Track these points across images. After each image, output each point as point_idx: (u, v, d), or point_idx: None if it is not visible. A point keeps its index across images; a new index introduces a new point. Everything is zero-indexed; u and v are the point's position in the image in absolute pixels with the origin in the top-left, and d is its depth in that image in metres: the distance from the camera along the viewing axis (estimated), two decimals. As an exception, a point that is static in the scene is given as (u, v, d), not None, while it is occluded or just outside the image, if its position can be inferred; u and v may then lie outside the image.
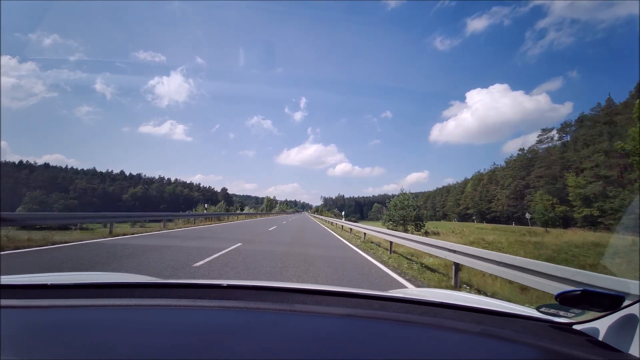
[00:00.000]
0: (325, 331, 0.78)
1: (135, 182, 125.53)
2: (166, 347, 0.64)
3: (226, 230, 14.33)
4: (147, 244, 7.71)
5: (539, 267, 3.13)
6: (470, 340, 0.76)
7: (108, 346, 0.64)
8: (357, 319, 0.87)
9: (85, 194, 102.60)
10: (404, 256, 7.54)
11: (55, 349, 0.62)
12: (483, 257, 4.11)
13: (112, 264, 5.16)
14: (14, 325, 0.72)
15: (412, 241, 6.72)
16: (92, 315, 0.82)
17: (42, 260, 5.42)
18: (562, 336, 0.80)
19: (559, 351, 0.70)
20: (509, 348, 0.72)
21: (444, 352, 0.71)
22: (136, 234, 10.30)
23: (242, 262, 5.68)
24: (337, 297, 1.03)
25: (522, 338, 0.76)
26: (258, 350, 0.65)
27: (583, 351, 0.70)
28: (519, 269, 3.41)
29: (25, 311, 0.82)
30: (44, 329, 0.72)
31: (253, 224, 21.05)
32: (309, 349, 0.67)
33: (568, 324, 0.86)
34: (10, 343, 0.62)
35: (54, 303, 0.88)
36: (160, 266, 5.06)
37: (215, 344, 0.67)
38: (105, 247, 7.16)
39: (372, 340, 0.73)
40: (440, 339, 0.77)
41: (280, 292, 1.05)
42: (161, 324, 0.79)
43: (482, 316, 0.92)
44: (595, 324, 0.82)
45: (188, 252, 6.53)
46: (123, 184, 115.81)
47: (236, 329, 0.75)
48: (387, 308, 0.96)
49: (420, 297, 1.10)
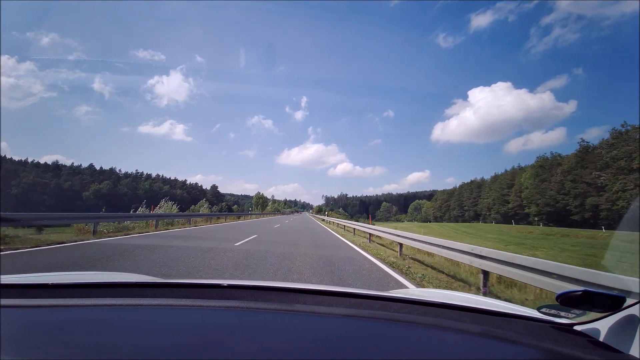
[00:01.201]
0: (326, 331, 0.78)
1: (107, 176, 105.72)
2: (166, 346, 0.64)
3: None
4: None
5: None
6: (471, 341, 0.76)
7: (108, 346, 0.64)
8: (357, 319, 0.87)
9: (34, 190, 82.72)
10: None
11: (55, 348, 0.62)
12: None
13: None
14: (14, 325, 0.72)
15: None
16: (92, 315, 0.82)
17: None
18: (563, 337, 0.80)
19: (560, 352, 0.70)
20: (510, 349, 0.72)
21: (444, 352, 0.71)
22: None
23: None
24: (337, 297, 1.02)
25: (523, 339, 0.76)
26: (258, 350, 0.64)
27: (584, 352, 0.70)
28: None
29: (25, 311, 0.82)
30: (45, 328, 0.71)
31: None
32: (309, 349, 0.67)
33: (569, 325, 0.86)
34: (11, 343, 0.61)
35: (55, 302, 0.88)
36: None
37: (216, 343, 0.66)
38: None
39: (373, 340, 0.73)
40: (441, 339, 0.76)
41: (280, 292, 1.05)
42: (161, 323, 0.79)
43: (483, 317, 0.92)
44: (596, 325, 0.81)
45: None
46: (84, 178, 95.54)
47: (236, 328, 0.75)
48: (388, 308, 0.95)
49: (421, 297, 1.09)
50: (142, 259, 5.63)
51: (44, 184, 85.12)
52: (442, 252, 5.52)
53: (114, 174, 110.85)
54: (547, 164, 60.79)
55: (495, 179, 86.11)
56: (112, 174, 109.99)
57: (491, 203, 79.97)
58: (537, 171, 61.57)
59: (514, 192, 69.89)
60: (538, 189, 59.12)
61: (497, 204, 76.53)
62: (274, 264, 5.72)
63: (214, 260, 5.72)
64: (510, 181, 74.56)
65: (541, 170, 60.89)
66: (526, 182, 64.51)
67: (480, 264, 4.29)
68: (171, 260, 5.60)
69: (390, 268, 5.99)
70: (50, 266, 4.92)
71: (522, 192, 65.70)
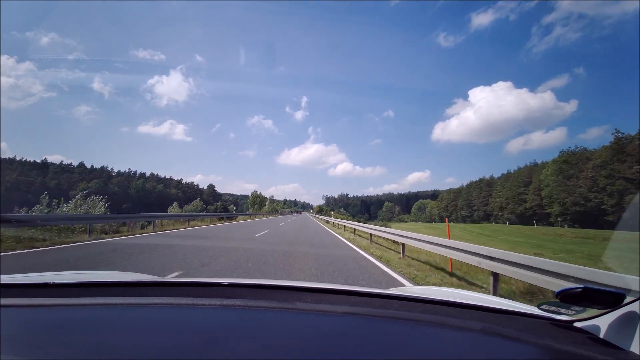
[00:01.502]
0: (327, 329, 0.78)
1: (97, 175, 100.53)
2: (167, 345, 0.64)
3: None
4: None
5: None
6: (471, 338, 0.75)
7: (109, 345, 0.64)
8: (358, 317, 0.87)
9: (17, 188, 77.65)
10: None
11: (56, 348, 0.62)
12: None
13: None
14: (15, 325, 0.72)
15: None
16: (93, 314, 0.82)
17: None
18: (564, 334, 0.80)
19: (560, 349, 0.70)
20: (511, 346, 0.72)
21: (445, 350, 0.70)
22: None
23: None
24: (338, 295, 1.02)
25: (523, 336, 0.76)
26: (259, 349, 0.64)
27: (584, 349, 0.70)
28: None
29: (26, 310, 0.82)
30: (45, 328, 0.71)
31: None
32: (310, 347, 0.67)
33: (569, 322, 0.86)
34: (11, 342, 0.61)
35: (55, 302, 0.88)
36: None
37: (216, 342, 0.66)
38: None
39: (374, 338, 0.73)
40: (442, 336, 0.77)
41: (281, 290, 1.05)
42: (162, 322, 0.79)
43: (484, 314, 0.92)
44: (597, 322, 0.81)
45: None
46: (72, 177, 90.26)
47: (237, 327, 0.75)
48: (389, 306, 0.95)
49: (421, 294, 1.09)
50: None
51: (29, 182, 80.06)
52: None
53: (105, 172, 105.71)
54: (574, 159, 55.35)
55: (508, 177, 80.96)
56: (104, 173, 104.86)
57: (504, 202, 74.84)
58: (561, 167, 56.08)
59: (532, 191, 64.69)
60: (563, 187, 53.74)
61: (511, 204, 71.44)
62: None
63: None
64: (527, 178, 69.30)
65: (566, 165, 55.46)
66: (547, 179, 59.14)
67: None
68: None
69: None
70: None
71: (542, 190, 60.54)
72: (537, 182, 63.04)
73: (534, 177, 66.41)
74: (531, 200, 64.04)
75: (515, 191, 70.61)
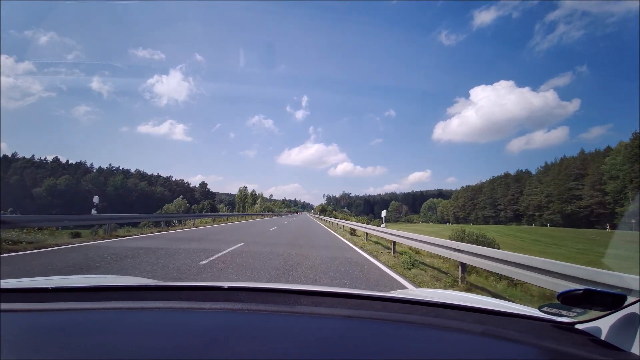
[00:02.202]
0: (327, 332, 0.78)
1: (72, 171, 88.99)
2: (167, 349, 0.64)
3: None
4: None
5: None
6: (472, 341, 0.76)
7: (110, 349, 0.64)
8: (358, 320, 0.87)
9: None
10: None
11: (56, 352, 0.61)
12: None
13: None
14: (15, 330, 0.72)
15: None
16: (93, 319, 0.82)
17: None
18: (565, 336, 0.81)
19: (561, 351, 0.70)
20: (512, 348, 0.73)
21: (446, 352, 0.71)
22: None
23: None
24: (338, 298, 1.03)
25: (524, 338, 0.77)
26: (259, 352, 0.65)
27: (585, 351, 0.70)
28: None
29: (26, 315, 0.82)
30: (45, 332, 0.71)
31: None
32: (310, 351, 0.67)
33: (570, 324, 0.86)
34: (11, 347, 0.61)
35: (55, 306, 0.88)
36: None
37: (217, 345, 0.66)
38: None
39: (374, 341, 0.73)
40: (443, 339, 0.77)
41: (281, 293, 1.05)
42: (162, 326, 0.79)
43: (484, 316, 0.92)
44: (598, 323, 0.81)
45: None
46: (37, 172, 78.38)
47: (237, 330, 0.75)
48: (389, 309, 0.95)
49: (421, 297, 1.09)
50: None
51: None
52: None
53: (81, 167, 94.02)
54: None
55: (548, 170, 68.40)
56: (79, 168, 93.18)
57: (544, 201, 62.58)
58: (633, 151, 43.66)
59: (589, 185, 52.14)
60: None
61: (555, 202, 59.01)
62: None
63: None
64: (579, 170, 56.68)
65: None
66: (615, 169, 46.55)
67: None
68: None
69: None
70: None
71: (607, 185, 47.94)
72: (597, 175, 50.42)
73: (590, 168, 53.71)
74: (589, 197, 51.46)
75: (564, 186, 58.01)
